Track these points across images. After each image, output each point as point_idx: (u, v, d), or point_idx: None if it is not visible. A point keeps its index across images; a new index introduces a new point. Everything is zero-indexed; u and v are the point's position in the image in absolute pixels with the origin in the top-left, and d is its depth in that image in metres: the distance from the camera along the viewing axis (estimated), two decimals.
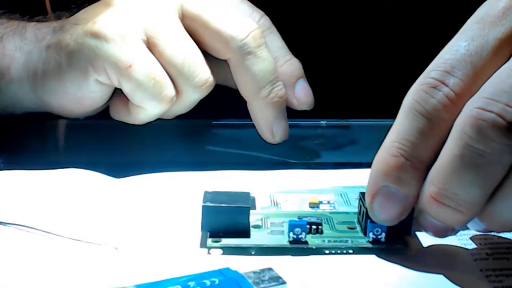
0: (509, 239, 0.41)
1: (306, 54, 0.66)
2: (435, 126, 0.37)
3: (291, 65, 0.53)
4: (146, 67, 0.48)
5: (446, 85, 0.37)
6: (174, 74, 0.49)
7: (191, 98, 0.50)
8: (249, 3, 0.53)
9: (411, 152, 0.38)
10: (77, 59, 0.49)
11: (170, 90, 0.49)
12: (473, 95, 0.37)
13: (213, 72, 0.50)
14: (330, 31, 0.66)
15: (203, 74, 0.49)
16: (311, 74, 0.55)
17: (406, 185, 0.38)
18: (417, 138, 0.38)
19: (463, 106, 0.37)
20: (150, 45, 0.49)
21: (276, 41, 0.53)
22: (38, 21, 0.54)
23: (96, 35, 0.48)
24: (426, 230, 0.39)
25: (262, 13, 0.53)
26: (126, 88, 0.49)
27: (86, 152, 0.54)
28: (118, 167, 0.50)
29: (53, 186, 0.48)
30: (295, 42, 0.63)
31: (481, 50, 0.38)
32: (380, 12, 0.66)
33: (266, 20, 0.53)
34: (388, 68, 0.67)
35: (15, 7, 0.57)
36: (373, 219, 0.39)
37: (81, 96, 0.50)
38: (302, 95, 0.52)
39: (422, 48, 0.66)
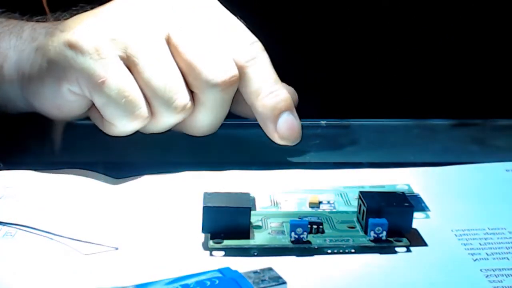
0: (509, 239, 0.42)
1: (306, 54, 0.66)
2: None
3: (274, 97, 0.50)
4: (118, 84, 0.47)
5: None
6: (151, 96, 0.48)
7: (166, 121, 0.49)
8: (244, 27, 0.51)
9: None
10: (54, 67, 0.49)
11: (143, 110, 0.48)
12: None
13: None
14: (330, 31, 0.66)
15: (182, 99, 0.48)
16: (311, 74, 0.55)
17: None
18: None
19: None
20: (130, 64, 0.48)
21: (262, 71, 0.50)
22: (37, 21, 0.54)
23: (72, 46, 0.48)
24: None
25: (254, 39, 0.51)
26: (98, 103, 0.48)
27: (86, 152, 0.55)
28: (118, 167, 0.50)
29: (53, 186, 0.48)
30: (295, 43, 0.64)
31: None
32: (380, 12, 0.66)
33: (256, 47, 0.51)
34: (388, 68, 0.67)
35: (14, 6, 0.57)
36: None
37: (58, 103, 0.50)
38: (284, 129, 0.50)
39: (422, 49, 0.66)
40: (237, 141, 0.54)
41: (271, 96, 0.50)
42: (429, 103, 0.65)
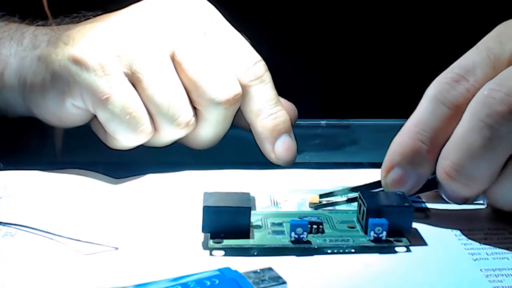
0: (509, 239, 0.41)
1: (306, 54, 0.67)
2: (453, 114, 0.42)
3: (274, 119, 0.51)
4: (123, 101, 0.47)
5: (467, 81, 0.42)
6: (154, 112, 0.48)
7: (169, 136, 0.50)
8: (248, 45, 0.52)
9: (429, 137, 0.42)
10: (57, 81, 0.49)
11: (146, 126, 0.48)
12: None
13: None
14: (330, 32, 0.66)
15: (185, 116, 0.49)
16: (311, 75, 0.55)
17: (420, 166, 0.43)
18: (436, 125, 0.42)
19: None
20: (134, 80, 0.48)
21: (264, 92, 0.51)
22: (37, 25, 0.54)
23: (77, 62, 0.48)
24: (444, 198, 0.43)
25: (258, 58, 0.51)
26: (101, 118, 0.48)
27: (86, 152, 0.55)
28: (118, 167, 0.50)
29: (53, 186, 0.48)
30: (295, 43, 0.64)
31: (499, 58, 0.43)
32: (380, 13, 0.66)
33: (260, 67, 0.51)
34: (388, 69, 0.67)
35: (14, 9, 0.57)
36: (385, 190, 0.43)
37: (60, 115, 0.50)
38: (281, 151, 0.51)
39: (421, 49, 0.66)
40: (237, 141, 0.54)
41: (271, 118, 0.51)
42: None
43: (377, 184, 0.45)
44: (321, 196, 0.45)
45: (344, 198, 0.45)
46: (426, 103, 0.43)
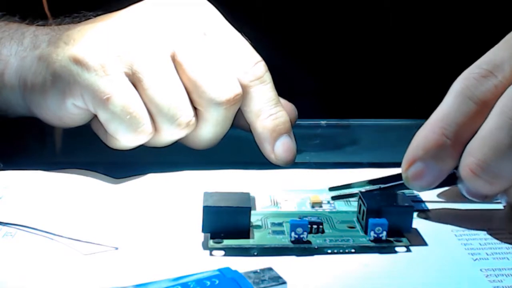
0: (509, 239, 0.42)
1: (306, 54, 0.67)
2: (480, 110, 0.41)
3: (274, 119, 0.51)
4: (123, 101, 0.47)
5: (496, 77, 0.42)
6: (155, 112, 0.48)
7: (170, 136, 0.50)
8: (249, 45, 0.52)
9: (454, 133, 0.42)
10: (58, 81, 0.49)
11: (147, 126, 0.48)
12: None
13: None
14: (331, 32, 0.66)
15: (186, 116, 0.49)
16: (311, 75, 0.55)
17: (442, 162, 0.42)
18: (462, 121, 0.41)
19: None
20: (135, 80, 0.48)
21: (264, 93, 0.51)
22: (38, 25, 0.54)
23: (78, 62, 0.48)
24: (464, 194, 0.43)
25: (258, 58, 0.51)
26: (102, 118, 0.48)
27: (86, 152, 0.55)
28: (118, 167, 0.50)
29: (53, 186, 0.48)
30: (296, 43, 0.64)
31: None
32: (380, 13, 0.66)
33: (260, 67, 0.51)
34: (388, 69, 0.67)
35: (14, 9, 0.57)
36: (405, 184, 0.43)
37: (61, 115, 0.50)
38: (281, 151, 0.51)
39: (421, 49, 0.66)
40: (237, 141, 0.54)
41: (271, 118, 0.51)
42: (429, 103, 0.65)
43: (396, 177, 0.44)
44: (338, 188, 0.45)
45: (362, 190, 0.45)
46: (452, 98, 0.42)
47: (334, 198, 0.45)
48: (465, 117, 0.42)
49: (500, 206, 0.45)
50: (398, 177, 0.44)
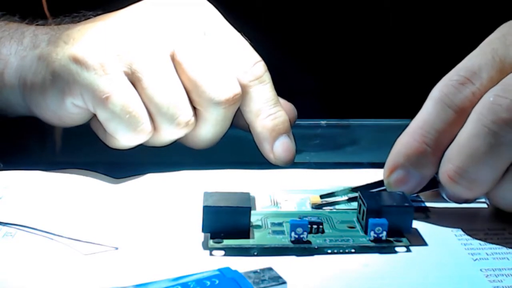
0: (509, 239, 0.42)
1: (306, 54, 0.67)
2: (458, 117, 0.42)
3: (273, 119, 0.51)
4: (123, 100, 0.48)
5: (473, 84, 0.42)
6: (154, 111, 0.48)
7: (169, 136, 0.50)
8: (248, 45, 0.52)
9: (434, 140, 0.42)
10: (58, 80, 0.49)
11: (146, 125, 0.48)
12: None
13: None
14: (331, 32, 0.66)
15: (185, 116, 0.49)
16: (311, 75, 0.55)
17: (423, 168, 0.43)
18: (442, 128, 0.42)
19: None
20: (134, 79, 0.48)
21: (264, 92, 0.51)
22: (37, 25, 0.54)
23: (78, 61, 0.48)
24: (445, 198, 0.44)
25: (258, 58, 0.51)
26: (101, 117, 0.49)
27: (86, 152, 0.55)
28: (118, 167, 0.50)
29: (53, 186, 0.48)
30: (295, 43, 0.64)
31: (504, 60, 0.43)
32: (380, 13, 0.66)
33: (259, 67, 0.51)
34: (388, 69, 0.67)
35: (14, 9, 0.57)
36: (387, 190, 0.44)
37: (60, 114, 0.50)
38: (280, 151, 0.51)
39: (421, 50, 0.66)
40: (236, 141, 0.54)
41: (270, 118, 0.51)
42: None
43: (378, 184, 0.45)
44: (322, 196, 0.45)
45: (345, 198, 0.45)
46: (432, 105, 0.43)
47: (317, 207, 0.45)
48: (445, 124, 0.42)
49: (483, 206, 0.45)
50: (380, 183, 0.44)
